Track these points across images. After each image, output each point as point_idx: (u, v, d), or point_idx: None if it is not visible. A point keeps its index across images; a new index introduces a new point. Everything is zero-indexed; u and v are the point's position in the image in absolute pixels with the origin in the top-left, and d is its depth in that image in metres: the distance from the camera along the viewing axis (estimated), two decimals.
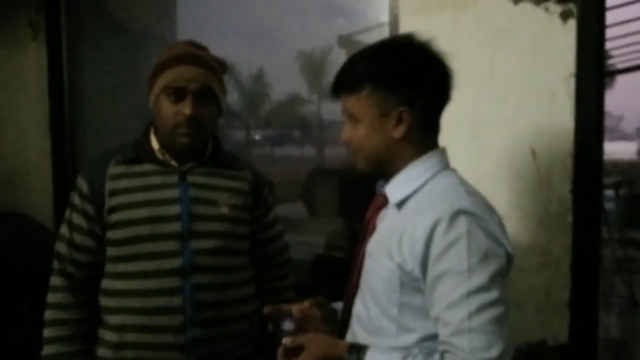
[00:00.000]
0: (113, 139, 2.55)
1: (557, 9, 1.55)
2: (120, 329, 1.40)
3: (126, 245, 1.40)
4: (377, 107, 1.11)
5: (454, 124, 1.68)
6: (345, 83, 1.15)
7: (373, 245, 1.16)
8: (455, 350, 0.97)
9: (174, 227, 1.41)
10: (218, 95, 1.48)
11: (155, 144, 1.49)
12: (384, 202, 1.19)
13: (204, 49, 1.53)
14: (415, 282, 1.05)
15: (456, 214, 1.01)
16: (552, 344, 1.59)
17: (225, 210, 1.49)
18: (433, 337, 1.05)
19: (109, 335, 1.41)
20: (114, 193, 1.42)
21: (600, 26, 1.52)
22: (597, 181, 1.54)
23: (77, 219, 1.44)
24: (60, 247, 1.46)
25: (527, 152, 1.60)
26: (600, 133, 1.53)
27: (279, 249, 1.69)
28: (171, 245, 1.41)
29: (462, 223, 1.01)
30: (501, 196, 1.56)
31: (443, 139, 1.70)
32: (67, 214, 1.48)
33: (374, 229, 1.20)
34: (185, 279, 1.40)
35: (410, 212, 1.10)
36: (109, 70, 2.78)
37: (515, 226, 1.60)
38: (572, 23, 1.53)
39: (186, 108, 1.40)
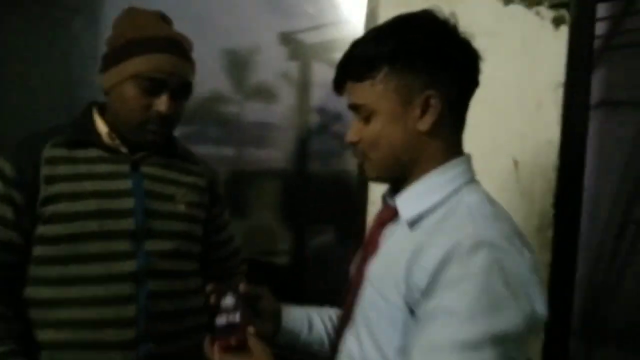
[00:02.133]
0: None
1: (549, 14, 1.47)
2: (52, 346, 1.15)
3: (65, 244, 1.18)
4: (397, 93, 0.91)
5: None
6: (353, 68, 0.94)
7: (375, 270, 0.96)
8: None
9: (127, 224, 1.21)
10: (192, 88, 1.32)
11: (102, 126, 1.27)
12: (392, 215, 0.98)
13: (170, 23, 1.32)
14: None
15: (478, 245, 0.80)
16: None
17: (182, 207, 1.31)
18: None
19: (39, 357, 1.16)
20: (51, 180, 1.19)
21: (592, 36, 1.46)
22: (578, 196, 1.47)
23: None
24: None
25: (509, 162, 1.51)
26: (584, 146, 1.47)
27: (233, 251, 1.51)
28: (123, 245, 1.21)
29: (481, 257, 0.79)
30: None
31: None
32: None
33: (376, 247, 0.98)
34: (139, 285, 1.19)
35: (425, 233, 0.89)
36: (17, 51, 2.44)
37: None
38: (564, 30, 1.46)
39: (162, 104, 1.23)
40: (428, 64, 0.91)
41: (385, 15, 1.65)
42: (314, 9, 3.05)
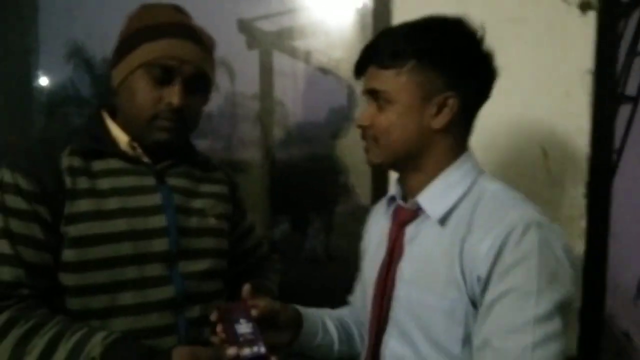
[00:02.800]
0: None
1: None
2: None
3: (93, 271, 1.02)
4: (419, 88, 0.95)
5: None
6: (381, 55, 0.97)
7: (411, 271, 0.98)
8: None
9: (161, 244, 1.08)
10: (210, 83, 1.16)
11: (118, 133, 1.12)
12: (411, 216, 1.02)
13: (186, 15, 1.18)
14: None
15: (528, 227, 0.87)
16: None
17: (212, 221, 1.19)
18: None
19: None
20: (75, 194, 1.02)
21: (618, 21, 1.44)
22: (607, 184, 1.46)
23: (24, 228, 1.01)
24: None
25: (538, 151, 1.47)
26: (612, 134, 1.46)
27: (261, 257, 1.40)
28: (157, 269, 1.07)
29: (533, 237, 0.86)
30: None
31: None
32: None
33: (402, 250, 1.01)
34: (178, 313, 1.05)
35: (463, 225, 0.93)
36: None
37: None
38: (592, 15, 1.42)
39: (173, 96, 1.07)
40: (454, 67, 0.96)
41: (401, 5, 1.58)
42: None
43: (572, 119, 1.44)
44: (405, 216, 1.03)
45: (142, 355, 0.96)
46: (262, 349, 0.94)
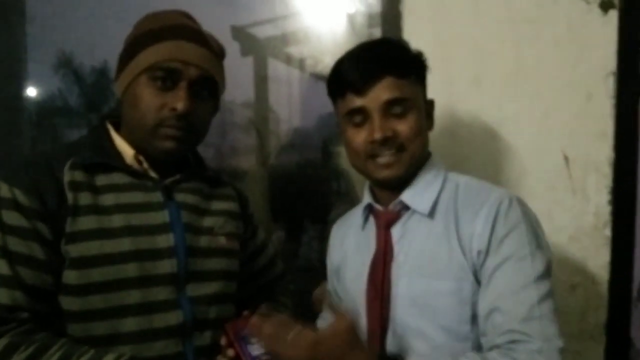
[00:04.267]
0: None
1: None
2: None
3: (95, 295, 0.94)
4: (423, 97, 1.08)
5: (473, 124, 1.45)
6: (402, 65, 1.03)
7: (411, 265, 1.02)
8: (527, 338, 0.89)
9: (169, 265, 1.00)
10: (218, 88, 1.09)
11: (123, 145, 1.04)
12: (395, 217, 1.07)
13: (194, 20, 1.11)
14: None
15: (510, 201, 0.98)
16: None
17: (222, 240, 1.10)
18: None
19: None
20: (77, 211, 0.94)
21: None
22: (633, 192, 1.39)
23: (23, 246, 0.93)
24: None
25: (559, 157, 1.41)
26: (636, 137, 1.39)
27: (275, 277, 1.31)
28: (164, 292, 0.99)
29: (517, 209, 0.98)
30: None
31: (460, 141, 1.41)
32: None
33: (392, 249, 1.06)
34: (186, 340, 0.98)
35: (452, 215, 1.02)
36: None
37: None
38: (613, 14, 1.36)
39: (178, 101, 0.99)
40: (425, 78, 1.10)
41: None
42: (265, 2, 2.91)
43: (595, 123, 1.38)
44: (389, 218, 1.08)
45: None
46: None
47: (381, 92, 1.00)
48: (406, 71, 1.02)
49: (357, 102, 1.02)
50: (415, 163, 1.05)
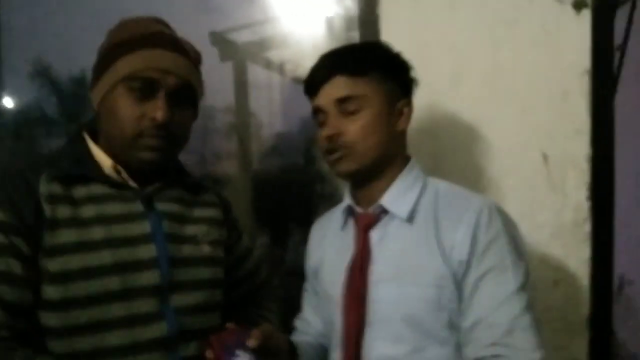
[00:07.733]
0: None
1: None
2: None
3: (77, 310, 0.93)
4: (386, 95, 1.06)
5: (452, 124, 1.47)
6: (350, 64, 1.04)
7: (389, 269, 1.03)
8: (512, 351, 0.91)
9: (151, 277, 0.99)
10: (197, 95, 1.08)
11: (101, 155, 1.03)
12: (374, 220, 1.07)
13: (168, 26, 1.10)
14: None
15: (491, 211, 0.99)
16: None
17: (206, 249, 1.09)
18: None
19: None
20: (54, 224, 0.93)
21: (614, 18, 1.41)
22: (610, 187, 1.42)
23: (0, 263, 0.91)
24: None
25: (538, 155, 1.43)
26: (612, 134, 1.42)
27: (260, 284, 1.31)
28: (147, 304, 0.98)
29: (498, 219, 0.99)
30: (508, 206, 1.31)
31: (440, 141, 1.45)
32: None
33: (370, 253, 1.06)
34: (170, 352, 0.97)
35: (431, 221, 1.02)
36: None
37: (525, 239, 1.38)
38: (587, 14, 1.39)
39: (157, 110, 0.99)
40: (405, 80, 1.10)
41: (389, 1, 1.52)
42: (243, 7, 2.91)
43: (572, 121, 1.40)
44: (368, 221, 1.08)
45: None
46: None
47: (332, 91, 1.04)
48: (360, 70, 1.04)
49: (315, 101, 1.08)
50: (376, 160, 1.05)
